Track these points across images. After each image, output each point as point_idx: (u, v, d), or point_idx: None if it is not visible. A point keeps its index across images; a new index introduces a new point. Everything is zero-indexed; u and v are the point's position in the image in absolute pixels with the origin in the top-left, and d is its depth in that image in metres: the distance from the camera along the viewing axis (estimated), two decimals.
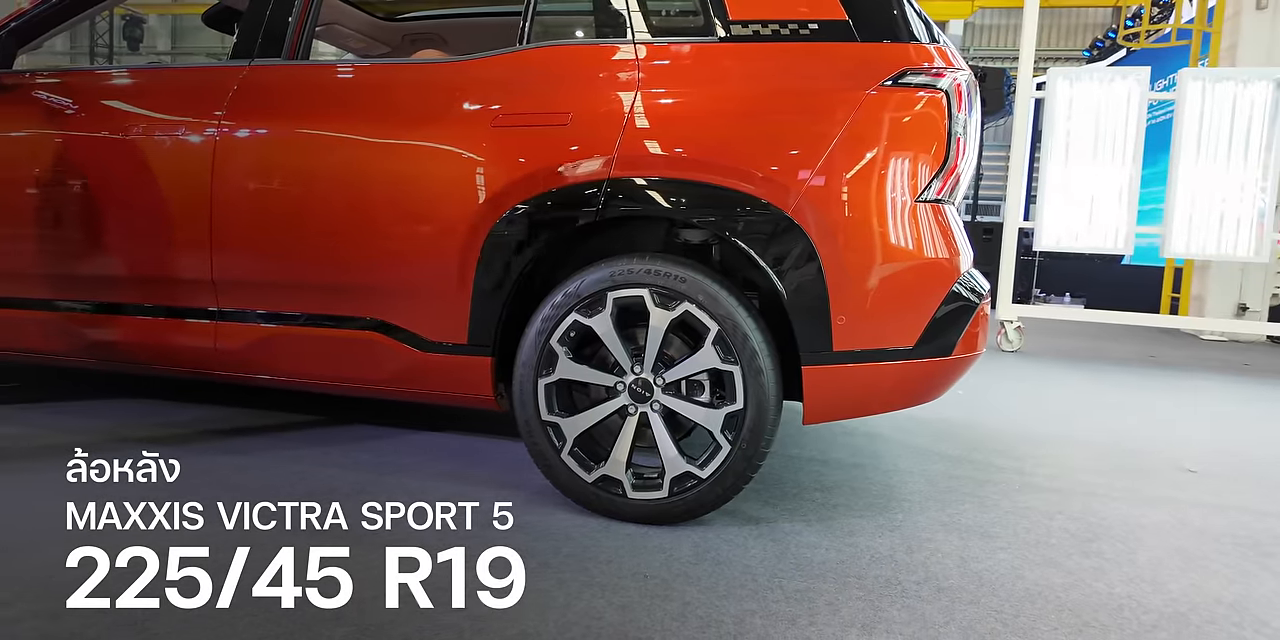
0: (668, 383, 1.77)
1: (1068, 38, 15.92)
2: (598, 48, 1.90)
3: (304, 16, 2.15)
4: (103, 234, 2.20)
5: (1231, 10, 6.63)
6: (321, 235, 2.01)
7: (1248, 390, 4.10)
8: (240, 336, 2.11)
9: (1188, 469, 2.48)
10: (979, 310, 1.79)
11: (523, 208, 1.83)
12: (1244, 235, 4.88)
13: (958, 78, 1.76)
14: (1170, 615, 1.48)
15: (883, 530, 1.83)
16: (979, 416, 3.11)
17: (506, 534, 1.69)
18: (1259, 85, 4.81)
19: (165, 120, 2.15)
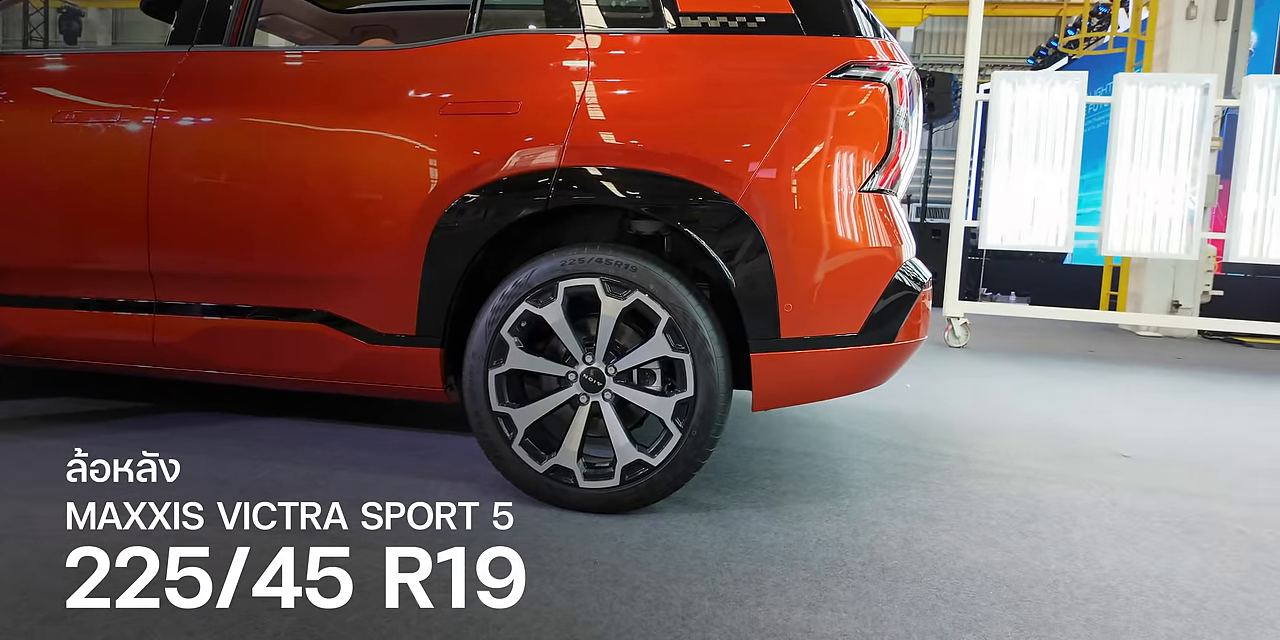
0: (619, 372, 1.78)
1: (1013, 45, 16.42)
2: (548, 37, 1.90)
3: (246, 2, 2.11)
4: (32, 225, 2.13)
5: (1164, 20, 6.90)
6: (265, 225, 1.97)
7: (1179, 382, 4.27)
8: (180, 330, 2.06)
9: (1121, 454, 2.57)
10: (920, 298, 1.84)
11: (472, 197, 1.82)
12: (1175, 235, 5.09)
13: (900, 72, 1.81)
14: (1101, 589, 1.53)
15: (830, 515, 1.86)
16: (927, 408, 3.19)
17: (458, 526, 1.68)
18: (1187, 91, 5.02)
19: (100, 107, 2.08)
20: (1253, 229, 5.04)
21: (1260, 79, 5.11)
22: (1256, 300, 7.15)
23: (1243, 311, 6.05)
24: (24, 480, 1.85)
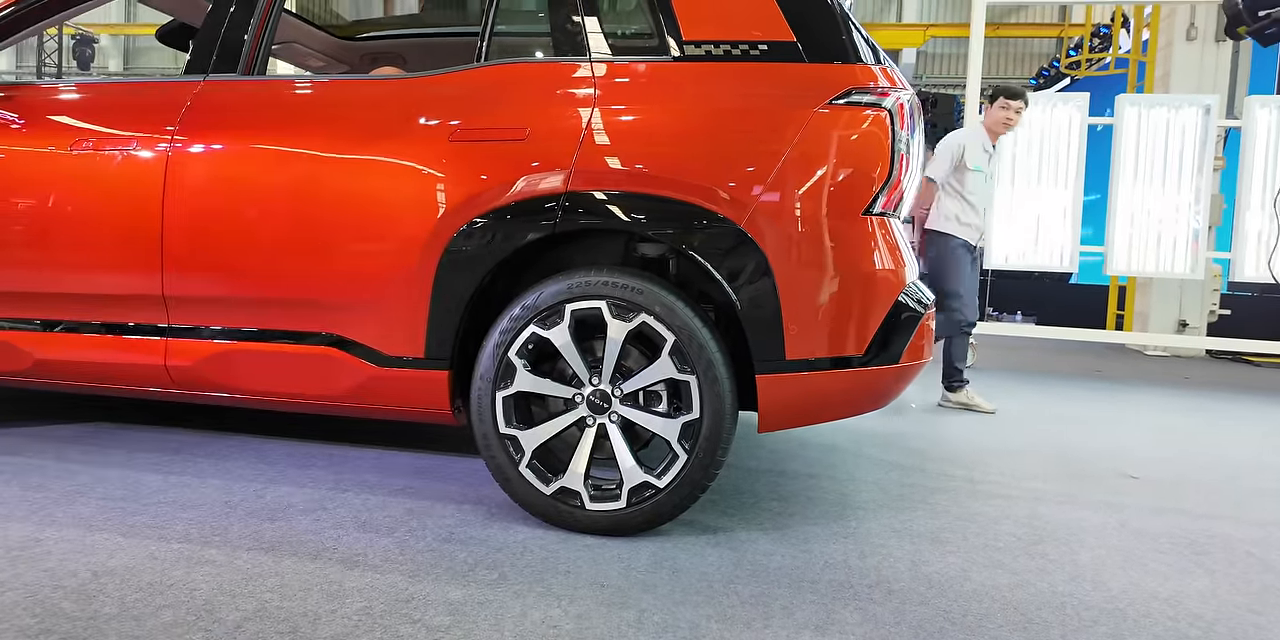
0: (625, 393, 1.80)
1: (1015, 66, 16.54)
2: (556, 65, 1.94)
3: (260, 31, 2.16)
4: (50, 250, 2.16)
5: (1164, 41, 6.97)
6: (277, 250, 2.00)
7: (1187, 402, 4.26)
8: (192, 353, 2.08)
9: (1129, 475, 2.56)
10: (924, 319, 1.85)
11: (480, 221, 1.85)
12: (1180, 254, 5.11)
13: (901, 97, 1.84)
14: (1110, 611, 1.53)
15: (836, 537, 1.86)
16: (932, 429, 3.18)
17: (466, 547, 1.69)
18: (1189, 111, 5.06)
19: (116, 135, 2.13)
20: (1258, 248, 5.05)
21: (1262, 99, 5.15)
22: (1264, 319, 7.14)
23: (1250, 331, 6.04)
24: (38, 502, 1.86)
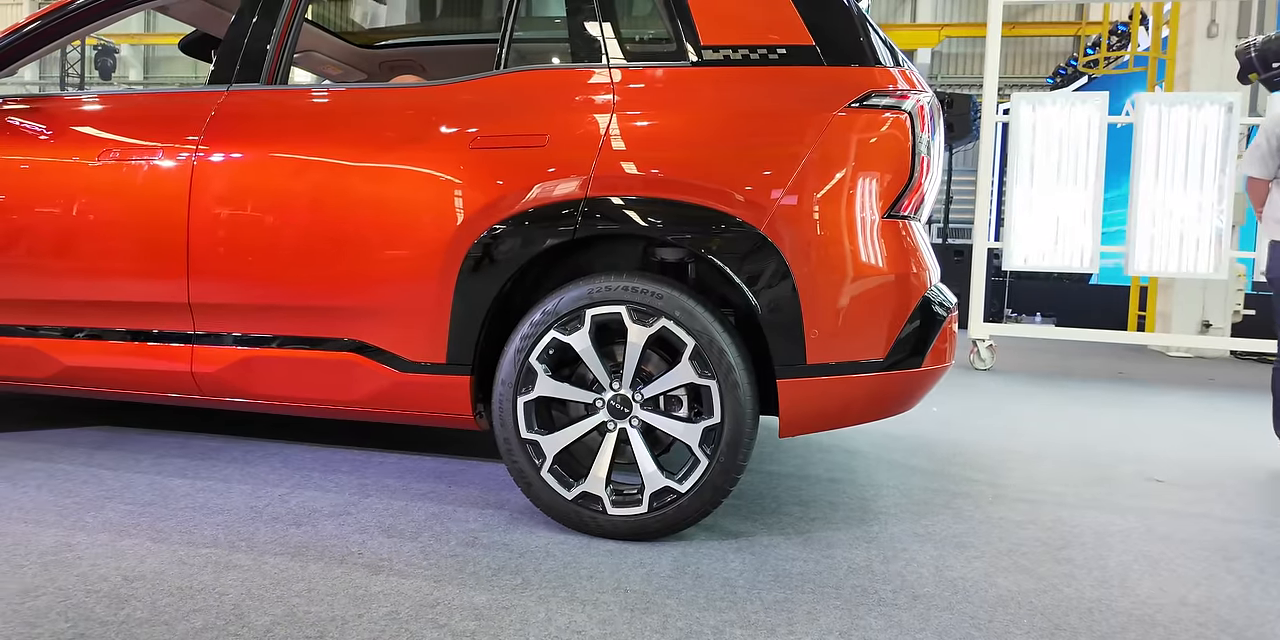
0: (646, 398, 1.80)
1: (1032, 65, 16.41)
2: (574, 72, 1.95)
3: (282, 42, 2.19)
4: (77, 258, 2.20)
5: (1184, 38, 6.89)
6: (300, 257, 2.02)
7: (1213, 404, 4.20)
8: (217, 360, 2.11)
9: (1155, 479, 2.53)
10: (946, 323, 1.84)
11: (501, 228, 1.86)
12: (1203, 254, 5.04)
13: (920, 99, 1.83)
14: (1138, 617, 1.51)
15: (860, 542, 1.85)
16: (954, 432, 3.16)
17: (489, 552, 1.69)
18: (1211, 109, 5.00)
19: (141, 146, 2.16)
20: None
21: None
22: None
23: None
24: (68, 508, 1.89)
